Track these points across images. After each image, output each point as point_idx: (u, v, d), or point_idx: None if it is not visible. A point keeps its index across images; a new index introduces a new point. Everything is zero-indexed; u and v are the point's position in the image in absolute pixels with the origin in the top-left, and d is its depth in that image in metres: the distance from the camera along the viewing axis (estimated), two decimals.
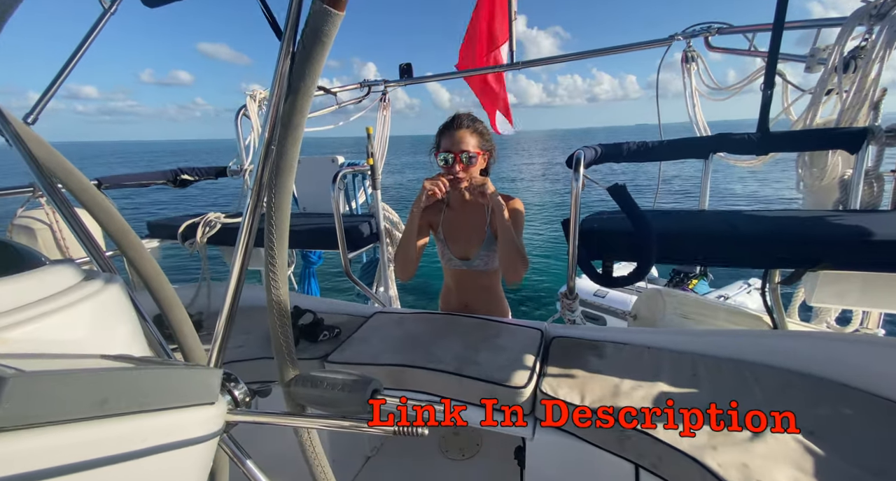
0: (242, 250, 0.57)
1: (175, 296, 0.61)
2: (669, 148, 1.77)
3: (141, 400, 0.28)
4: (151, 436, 0.28)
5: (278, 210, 0.56)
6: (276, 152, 0.53)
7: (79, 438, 0.24)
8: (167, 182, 2.46)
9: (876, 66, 1.61)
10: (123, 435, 0.26)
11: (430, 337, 1.49)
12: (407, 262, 1.61)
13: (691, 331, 1.55)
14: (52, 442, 0.23)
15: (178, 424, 0.31)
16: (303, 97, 0.50)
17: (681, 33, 2.54)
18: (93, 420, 0.25)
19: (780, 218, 1.52)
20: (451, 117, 1.48)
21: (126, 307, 0.44)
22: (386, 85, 3.35)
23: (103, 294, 0.40)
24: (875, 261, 1.28)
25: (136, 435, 0.27)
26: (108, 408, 0.26)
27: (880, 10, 1.62)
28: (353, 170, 2.14)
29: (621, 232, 1.49)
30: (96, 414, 0.25)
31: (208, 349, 0.58)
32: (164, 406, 0.30)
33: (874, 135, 1.52)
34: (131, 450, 0.27)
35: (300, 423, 0.60)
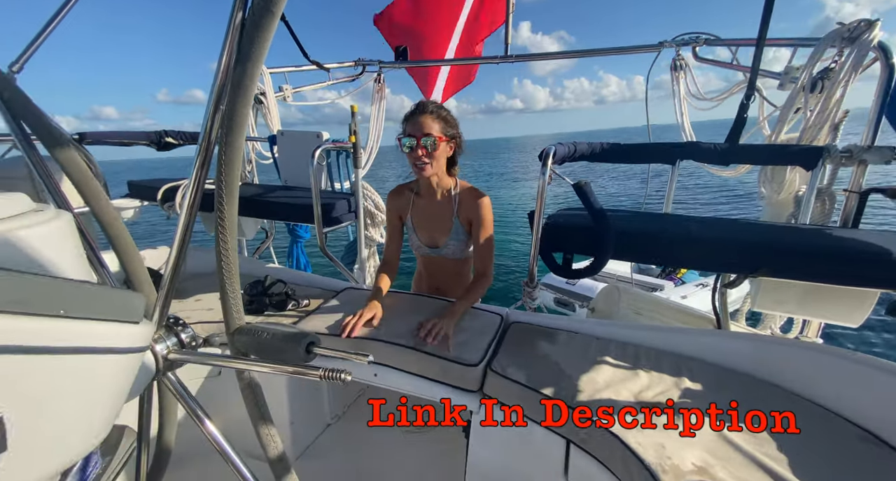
0: (189, 204, 0.62)
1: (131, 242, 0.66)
2: (640, 151, 1.84)
3: (61, 305, 0.33)
4: (68, 337, 0.33)
5: (228, 167, 0.61)
6: (226, 112, 0.57)
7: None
8: (150, 143, 2.46)
9: (840, 87, 1.68)
10: (40, 331, 0.31)
11: (395, 314, 1.55)
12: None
13: (640, 325, 1.64)
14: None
15: (96, 333, 0.36)
16: (253, 64, 0.54)
17: (670, 41, 2.59)
18: (11, 314, 0.30)
19: (733, 226, 1.60)
20: (415, 104, 1.51)
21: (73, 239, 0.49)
22: (381, 65, 3.35)
23: (51, 223, 0.45)
24: (809, 272, 1.37)
25: (52, 333, 0.33)
26: (27, 307, 0.31)
27: (852, 34, 1.68)
28: (335, 147, 2.17)
29: (582, 227, 1.56)
30: (14, 309, 0.30)
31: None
32: (85, 316, 0.35)
33: (829, 154, 1.60)
34: (47, 345, 0.32)
35: (239, 365, 0.66)
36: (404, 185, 1.73)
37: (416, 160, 1.47)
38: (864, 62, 1.64)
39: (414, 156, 1.46)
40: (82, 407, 0.38)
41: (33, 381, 0.33)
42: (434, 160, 1.49)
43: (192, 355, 0.68)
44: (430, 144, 1.43)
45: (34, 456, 0.33)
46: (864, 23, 1.65)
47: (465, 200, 1.61)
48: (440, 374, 1.35)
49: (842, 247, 1.39)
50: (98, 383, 0.40)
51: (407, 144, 1.46)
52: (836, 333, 5.61)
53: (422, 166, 1.48)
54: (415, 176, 1.60)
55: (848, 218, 1.68)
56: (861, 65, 1.64)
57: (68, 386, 0.35)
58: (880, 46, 1.60)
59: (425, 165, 1.48)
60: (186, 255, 0.70)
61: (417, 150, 1.45)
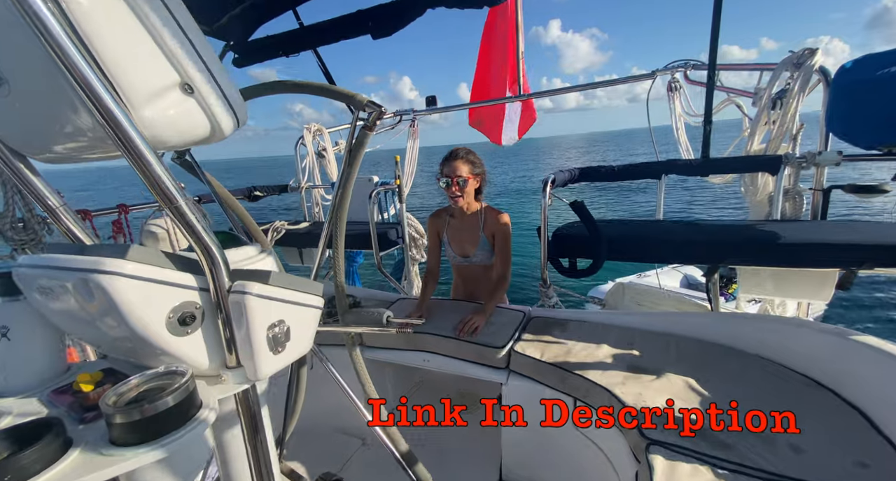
0: (321, 248, 1.16)
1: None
2: (630, 171, 2.25)
3: (300, 286, 0.85)
4: (302, 300, 0.85)
5: (339, 221, 1.14)
6: (339, 194, 1.10)
7: (284, 294, 0.81)
8: (244, 197, 3.17)
9: (794, 104, 2.01)
10: (293, 296, 0.83)
11: (438, 315, 2.03)
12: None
13: (639, 312, 2.01)
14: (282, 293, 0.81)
15: (308, 299, 0.87)
16: (353, 164, 1.07)
17: (662, 69, 2.99)
18: (285, 288, 0.81)
19: (706, 226, 1.96)
20: (450, 151, 2.04)
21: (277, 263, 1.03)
22: (415, 114, 3.97)
23: (271, 256, 0.98)
24: (770, 258, 1.70)
25: (300, 298, 0.85)
26: (291, 285, 0.83)
27: (799, 60, 2.03)
28: (384, 189, 2.75)
29: (581, 236, 1.98)
30: (288, 286, 0.82)
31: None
32: (306, 290, 0.87)
33: (789, 160, 1.94)
34: (299, 301, 0.85)
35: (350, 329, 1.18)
36: (442, 210, 2.25)
37: (452, 194, 1.98)
38: (811, 83, 1.97)
39: (450, 192, 1.98)
40: (307, 332, 0.90)
41: (297, 316, 0.85)
42: (465, 193, 2.00)
43: (328, 326, 1.20)
44: (461, 182, 1.95)
45: (295, 347, 0.85)
46: (807, 51, 2.00)
47: (490, 218, 2.10)
48: (476, 356, 1.80)
49: (800, 236, 1.70)
50: (312, 320, 0.92)
51: (445, 182, 1.98)
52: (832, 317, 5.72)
53: (456, 198, 2.00)
54: (449, 203, 2.12)
55: (816, 212, 1.97)
56: (807, 85, 1.98)
57: (304, 322, 0.87)
58: (822, 70, 1.93)
59: (458, 197, 2.00)
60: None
61: (452, 187, 1.96)
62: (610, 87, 3.28)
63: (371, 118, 0.99)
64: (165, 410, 0.60)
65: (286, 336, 0.82)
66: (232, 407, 0.85)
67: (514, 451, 1.80)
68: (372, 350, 2.01)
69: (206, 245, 0.66)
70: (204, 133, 0.71)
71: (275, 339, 0.79)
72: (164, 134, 0.62)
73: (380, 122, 0.99)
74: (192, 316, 0.66)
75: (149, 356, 0.71)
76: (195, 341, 0.67)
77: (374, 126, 1.00)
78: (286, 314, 0.82)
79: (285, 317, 0.82)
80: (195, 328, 0.67)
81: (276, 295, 0.79)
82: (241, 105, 0.80)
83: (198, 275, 0.67)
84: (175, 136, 0.67)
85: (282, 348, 0.82)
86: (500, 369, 1.78)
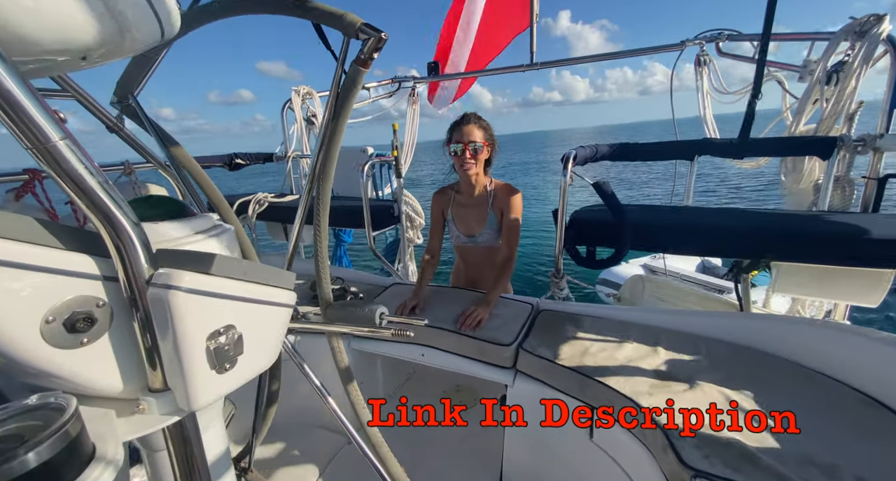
0: (299, 223, 0.90)
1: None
2: (658, 149, 1.99)
3: (262, 277, 0.60)
4: (263, 296, 0.60)
5: (322, 194, 0.87)
6: (321, 157, 0.84)
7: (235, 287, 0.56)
8: (224, 164, 2.87)
9: (853, 80, 1.76)
10: (251, 290, 0.58)
11: (437, 304, 1.80)
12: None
13: (661, 309, 1.80)
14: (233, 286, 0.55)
15: (274, 295, 0.63)
16: (342, 114, 0.80)
17: (693, 39, 2.69)
18: (237, 280, 0.56)
19: (743, 215, 1.72)
20: (461, 116, 1.78)
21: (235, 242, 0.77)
22: (415, 81, 3.64)
23: (226, 234, 0.72)
24: (818, 255, 1.48)
25: (261, 293, 0.60)
26: (248, 276, 0.57)
27: (863, 28, 1.76)
28: (380, 160, 2.47)
29: (603, 222, 1.74)
30: (242, 277, 0.57)
31: None
32: (271, 284, 0.62)
33: (844, 143, 1.69)
34: (258, 298, 0.59)
35: (336, 329, 0.93)
36: (447, 186, 1.99)
37: (463, 162, 1.73)
38: (875, 55, 1.71)
39: (462, 159, 1.73)
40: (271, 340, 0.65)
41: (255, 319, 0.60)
42: (477, 161, 1.75)
43: (303, 323, 0.95)
44: (476, 148, 1.70)
45: (250, 363, 0.60)
46: (873, 17, 1.72)
47: (500, 194, 1.85)
48: (479, 353, 1.58)
49: (851, 230, 1.48)
50: (278, 324, 0.67)
51: (454, 150, 1.72)
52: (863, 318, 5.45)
53: (468, 166, 1.74)
54: (455, 177, 1.87)
55: (868, 203, 1.75)
56: (872, 57, 1.71)
57: (266, 327, 0.62)
58: (889, 40, 1.67)
59: (471, 166, 1.74)
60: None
61: (465, 154, 1.71)
62: (633, 57, 2.98)
63: (366, 49, 0.72)
64: (25, 474, 0.37)
65: (236, 348, 0.57)
66: (161, 444, 0.61)
67: (517, 452, 1.61)
68: (361, 340, 1.78)
69: (107, 210, 0.41)
70: (93, 33, 0.44)
71: (218, 353, 0.54)
72: (16, 24, 0.37)
73: (377, 55, 0.71)
74: (88, 318, 0.47)
75: (28, 375, 0.48)
76: (96, 354, 0.49)
77: (371, 60, 0.73)
78: (237, 316, 0.57)
79: (236, 321, 0.57)
80: (96, 335, 0.49)
81: (220, 289, 0.53)
82: (168, 4, 0.52)
83: (103, 259, 0.48)
84: (39, 32, 0.41)
85: (230, 365, 0.57)
86: (506, 369, 1.56)
